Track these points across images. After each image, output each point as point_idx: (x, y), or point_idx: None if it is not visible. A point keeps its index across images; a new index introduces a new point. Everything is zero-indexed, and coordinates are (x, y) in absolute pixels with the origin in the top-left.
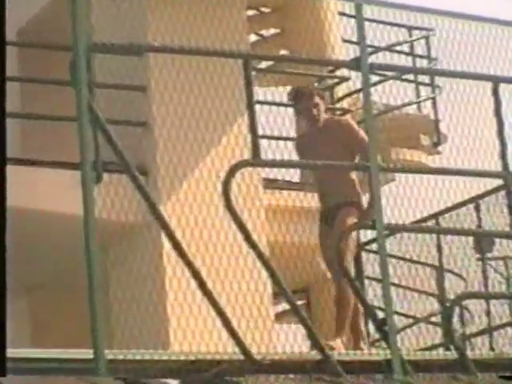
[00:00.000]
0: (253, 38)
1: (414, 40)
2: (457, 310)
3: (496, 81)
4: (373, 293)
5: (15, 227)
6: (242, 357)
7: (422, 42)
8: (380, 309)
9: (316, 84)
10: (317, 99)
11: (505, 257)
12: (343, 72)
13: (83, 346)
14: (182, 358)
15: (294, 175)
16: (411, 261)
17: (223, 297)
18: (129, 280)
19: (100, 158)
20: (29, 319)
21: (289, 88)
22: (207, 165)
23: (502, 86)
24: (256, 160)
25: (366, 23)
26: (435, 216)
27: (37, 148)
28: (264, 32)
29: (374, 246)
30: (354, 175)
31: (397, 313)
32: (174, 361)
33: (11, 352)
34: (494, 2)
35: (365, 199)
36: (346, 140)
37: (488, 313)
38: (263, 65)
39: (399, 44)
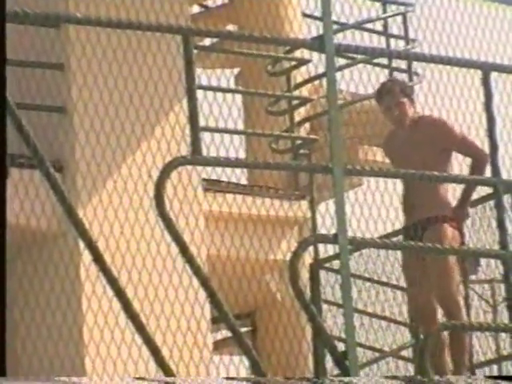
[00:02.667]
0: (195, 9)
1: (388, 17)
2: (432, 342)
3: (486, 69)
4: (332, 320)
5: None
6: None
7: (399, 19)
8: (340, 339)
9: (269, 67)
10: (400, 97)
11: (491, 280)
12: (303, 53)
13: None
14: None
15: (241, 176)
16: (379, 282)
17: (152, 321)
18: (39, 299)
19: (8, 149)
20: None
21: (237, 70)
22: (137, 161)
23: (494, 76)
24: (196, 157)
25: None
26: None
27: None
28: (209, 2)
29: (336, 264)
30: (445, 185)
31: (360, 345)
32: None
33: None
34: None
35: None
36: (444, 144)
37: (470, 347)
38: (207, 42)
39: (371, 21)
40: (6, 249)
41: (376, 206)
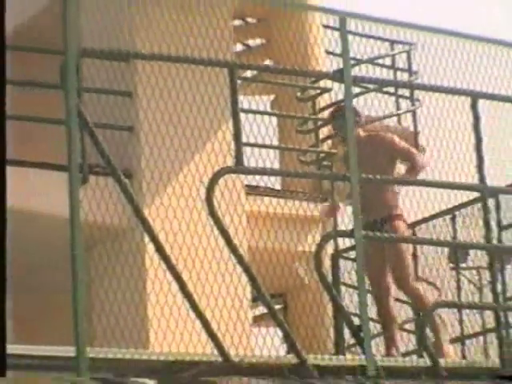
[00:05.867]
0: (239, 47)
1: (395, 54)
2: (430, 318)
3: (475, 96)
4: (349, 299)
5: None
6: (220, 359)
7: (404, 55)
8: (356, 315)
9: (299, 94)
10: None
11: (478, 267)
12: (325, 83)
13: (66, 344)
14: (162, 358)
15: (275, 182)
16: None
17: (203, 300)
18: (111, 281)
19: (86, 160)
20: (13, 317)
21: (272, 97)
22: (191, 170)
23: (481, 102)
24: (239, 167)
25: (350, 36)
26: (412, 226)
27: (27, 149)
28: (250, 42)
29: (352, 254)
30: (395, 188)
31: (372, 319)
32: (153, 361)
33: None
34: (475, 18)
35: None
36: (392, 154)
37: (461, 322)
38: (248, 74)
39: (381, 57)
40: (82, 242)
41: None
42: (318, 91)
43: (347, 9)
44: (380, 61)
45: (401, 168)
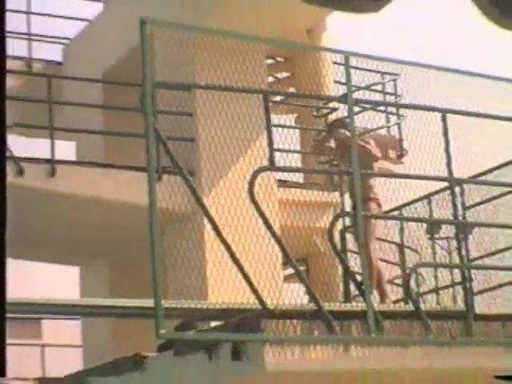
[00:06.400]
0: (270, 79)
1: (385, 82)
2: (413, 275)
3: (444, 112)
4: (354, 262)
5: (100, 213)
6: (260, 307)
7: (391, 83)
8: (359, 273)
9: (315, 112)
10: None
11: (447, 237)
12: (334, 104)
13: (147, 298)
14: (217, 307)
15: (299, 177)
16: (381, 239)
17: (247, 264)
18: (180, 252)
19: (161, 163)
20: (109, 277)
21: (295, 115)
22: (237, 169)
23: (449, 116)
24: (272, 166)
25: (352, 70)
26: (399, 208)
27: (116, 156)
28: (278, 75)
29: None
30: (371, 181)
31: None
32: (211, 309)
33: (94, 300)
34: (475, 19)
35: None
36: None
37: (435, 277)
38: (277, 98)
39: (374, 84)
40: (158, 224)
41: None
42: (329, 110)
43: (350, 49)
44: (374, 87)
45: (383, 163)
